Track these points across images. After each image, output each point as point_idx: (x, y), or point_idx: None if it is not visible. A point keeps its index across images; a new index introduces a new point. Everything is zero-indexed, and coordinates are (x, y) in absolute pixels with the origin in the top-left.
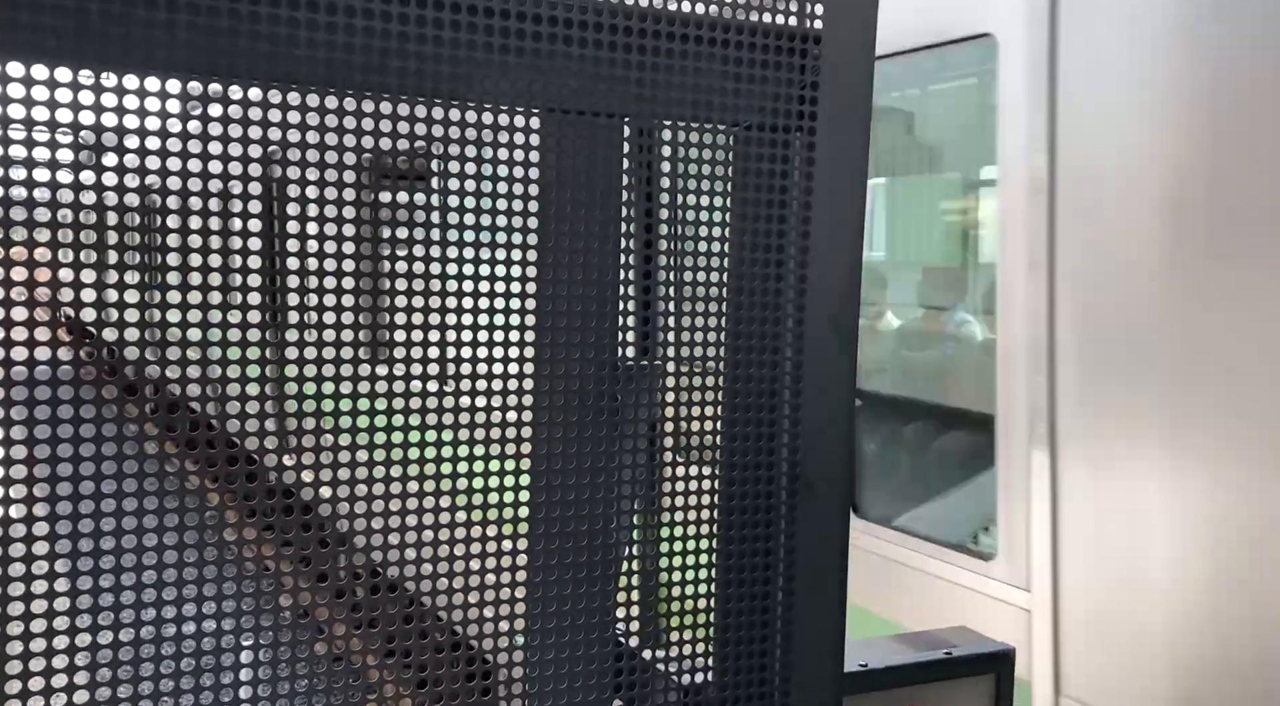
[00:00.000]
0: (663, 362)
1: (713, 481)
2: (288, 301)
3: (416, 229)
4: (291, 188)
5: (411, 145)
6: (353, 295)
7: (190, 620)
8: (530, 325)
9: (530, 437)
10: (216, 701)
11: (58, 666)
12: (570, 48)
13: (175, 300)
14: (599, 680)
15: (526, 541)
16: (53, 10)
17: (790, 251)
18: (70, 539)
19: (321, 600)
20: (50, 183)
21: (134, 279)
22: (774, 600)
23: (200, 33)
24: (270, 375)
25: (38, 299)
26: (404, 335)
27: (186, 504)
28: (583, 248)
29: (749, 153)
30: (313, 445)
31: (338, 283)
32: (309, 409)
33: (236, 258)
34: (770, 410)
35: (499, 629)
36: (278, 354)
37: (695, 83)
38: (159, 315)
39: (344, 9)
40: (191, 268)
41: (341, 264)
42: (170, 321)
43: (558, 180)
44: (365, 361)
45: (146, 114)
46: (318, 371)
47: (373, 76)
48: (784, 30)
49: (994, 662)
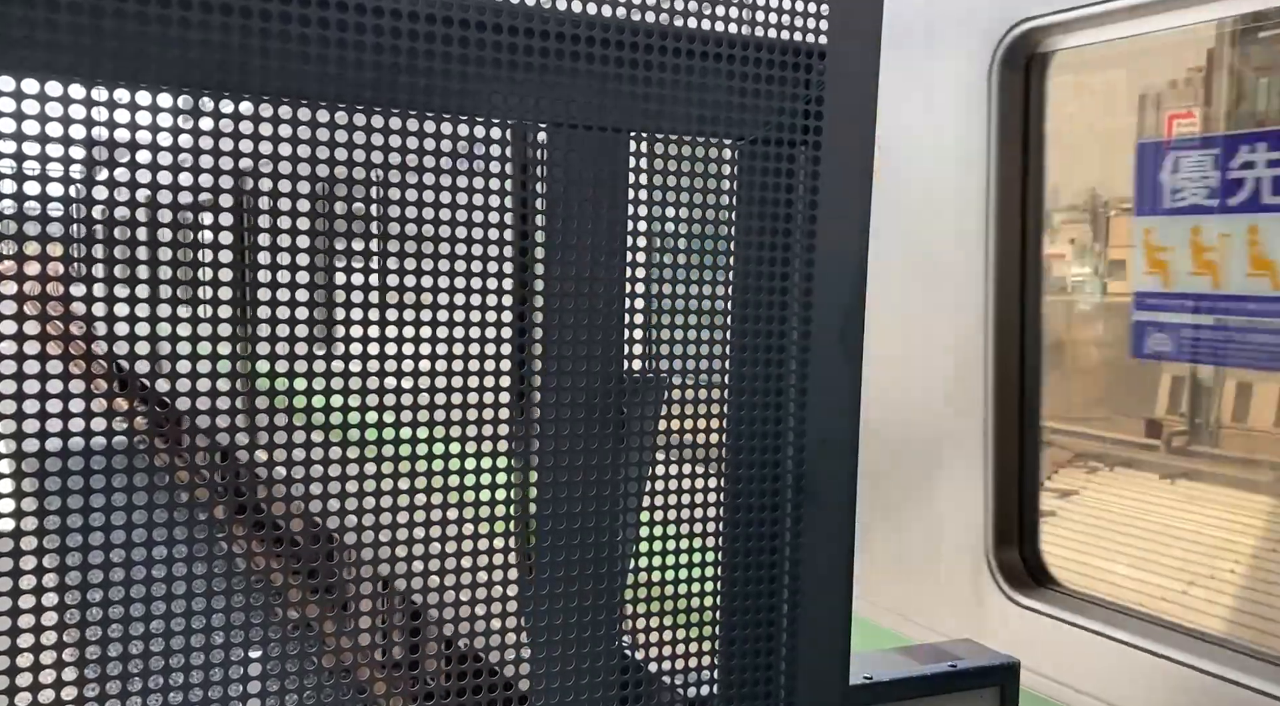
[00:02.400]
0: (668, 374)
1: (718, 493)
2: (267, 312)
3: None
4: (302, 202)
5: (420, 160)
6: (359, 306)
7: (198, 632)
8: (534, 331)
9: (536, 448)
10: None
11: (62, 676)
12: (578, 64)
13: (181, 312)
14: (604, 692)
15: (533, 551)
16: (68, 28)
17: (796, 264)
18: (65, 549)
19: (328, 613)
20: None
21: (145, 291)
22: (779, 612)
23: (212, 49)
24: (246, 372)
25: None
26: (411, 345)
27: (182, 508)
28: (588, 260)
29: (755, 166)
30: (321, 458)
31: (347, 295)
32: (298, 405)
33: (251, 273)
34: (776, 421)
35: (505, 641)
36: (249, 351)
37: (701, 98)
38: (159, 322)
39: (354, 26)
40: (202, 282)
41: (351, 278)
42: (167, 332)
43: (564, 193)
44: (374, 374)
45: (158, 129)
46: (325, 383)
47: (382, 92)
48: (789, 45)
49: (999, 675)
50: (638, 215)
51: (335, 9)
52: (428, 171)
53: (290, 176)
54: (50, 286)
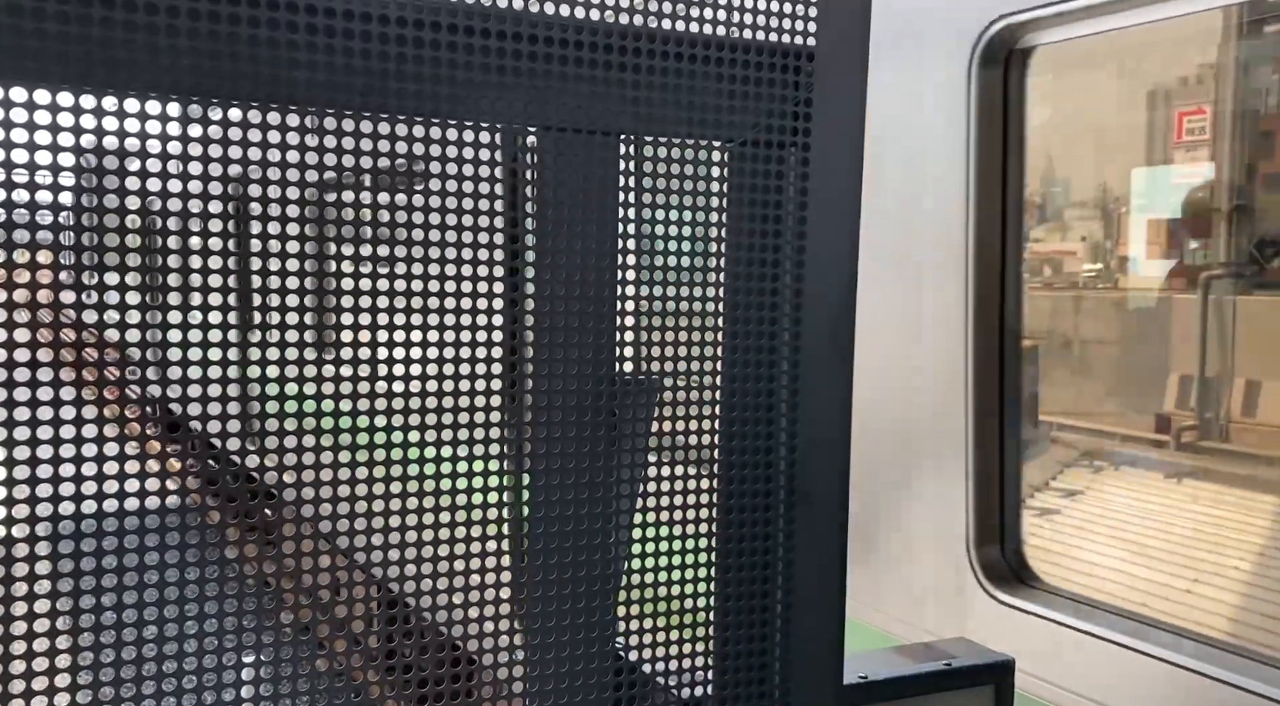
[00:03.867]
0: (659, 377)
1: (711, 494)
2: (258, 317)
3: (411, 245)
4: (291, 207)
5: (410, 165)
6: (353, 310)
7: (191, 637)
8: (525, 334)
9: (529, 452)
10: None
11: (60, 684)
12: (567, 68)
13: (182, 315)
14: (599, 693)
15: (527, 555)
16: (56, 37)
17: (786, 266)
18: (73, 557)
19: (322, 616)
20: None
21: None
22: (773, 612)
23: (201, 56)
24: (243, 376)
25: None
26: (403, 349)
27: (182, 517)
28: (579, 263)
29: (744, 168)
30: (312, 460)
31: (337, 300)
32: (289, 410)
33: (237, 276)
34: (768, 422)
35: (498, 643)
36: (244, 355)
37: (691, 101)
38: (160, 324)
39: (343, 32)
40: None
41: (340, 282)
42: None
43: (555, 196)
44: (365, 378)
45: (147, 137)
46: (318, 385)
47: (371, 98)
48: (777, 48)
49: (994, 673)
50: (628, 218)
51: (323, 15)
52: (417, 176)
53: (280, 182)
54: (45, 297)
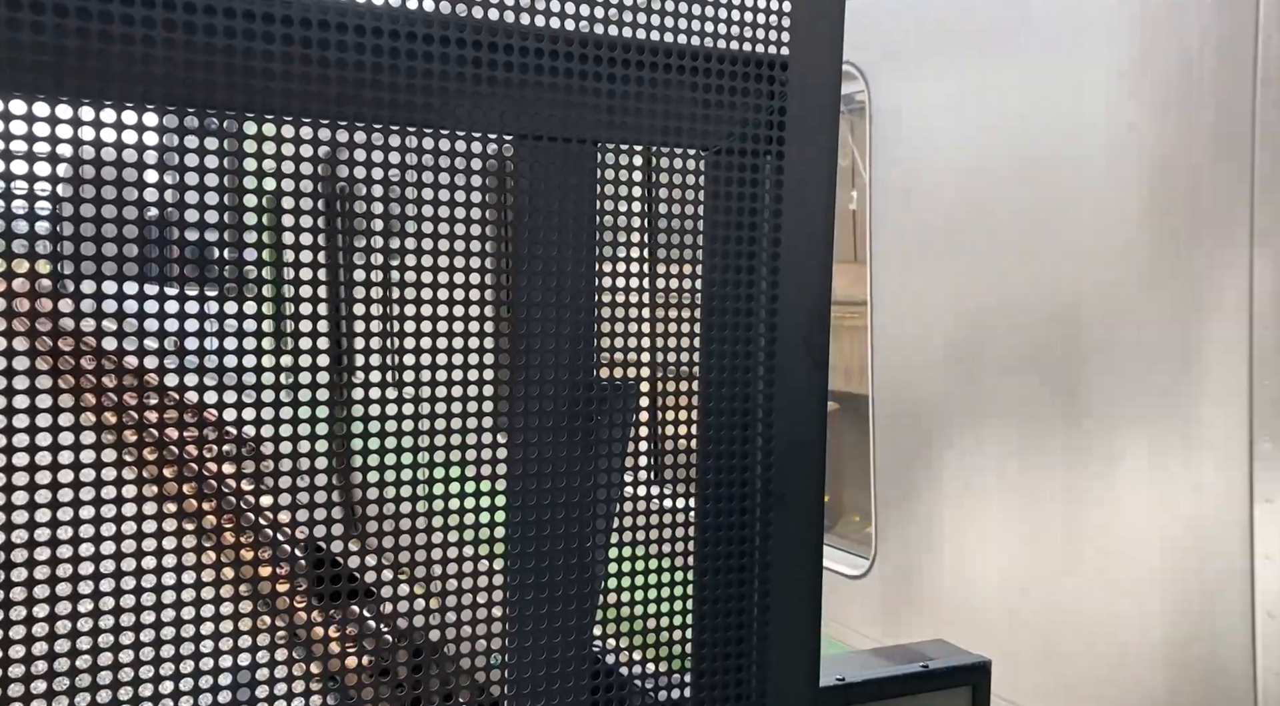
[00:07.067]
0: (636, 382)
1: (688, 498)
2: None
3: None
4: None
5: (385, 173)
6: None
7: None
8: (501, 346)
9: (506, 458)
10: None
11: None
12: (543, 77)
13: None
14: (577, 697)
15: (504, 561)
16: (31, 48)
17: (761, 272)
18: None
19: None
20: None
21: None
22: (750, 615)
23: (177, 66)
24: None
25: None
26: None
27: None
28: (555, 270)
29: (720, 176)
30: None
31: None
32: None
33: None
34: (744, 426)
35: (475, 648)
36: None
37: (667, 109)
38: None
39: (318, 42)
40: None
41: (317, 290)
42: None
43: (530, 204)
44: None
45: (124, 147)
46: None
47: (348, 107)
48: (752, 57)
49: (971, 674)
50: (603, 225)
51: (299, 26)
52: (393, 185)
53: (256, 191)
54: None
